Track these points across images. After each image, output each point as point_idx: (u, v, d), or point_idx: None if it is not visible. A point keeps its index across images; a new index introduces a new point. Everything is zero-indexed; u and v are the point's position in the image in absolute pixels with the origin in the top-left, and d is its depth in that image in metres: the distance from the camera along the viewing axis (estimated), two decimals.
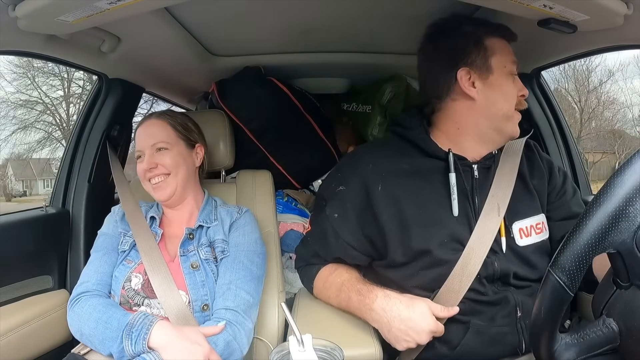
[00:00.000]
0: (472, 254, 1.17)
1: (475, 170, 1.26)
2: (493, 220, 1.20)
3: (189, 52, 1.76)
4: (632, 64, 14.07)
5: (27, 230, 1.54)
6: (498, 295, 1.19)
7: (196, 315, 1.31)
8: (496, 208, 1.21)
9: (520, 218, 1.24)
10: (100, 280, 1.34)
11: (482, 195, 1.24)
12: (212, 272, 1.36)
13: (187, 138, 1.49)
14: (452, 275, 1.17)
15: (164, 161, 1.42)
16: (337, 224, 1.29)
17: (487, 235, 1.18)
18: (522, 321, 1.18)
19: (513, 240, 1.22)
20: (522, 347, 1.18)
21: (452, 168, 1.22)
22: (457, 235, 1.20)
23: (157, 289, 1.30)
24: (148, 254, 1.35)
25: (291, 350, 0.84)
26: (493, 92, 1.24)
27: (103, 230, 1.47)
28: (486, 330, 1.18)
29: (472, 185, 1.25)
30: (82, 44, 1.47)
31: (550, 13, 1.19)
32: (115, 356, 1.15)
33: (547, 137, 1.95)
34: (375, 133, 2.32)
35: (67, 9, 1.10)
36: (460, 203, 1.22)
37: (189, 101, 2.87)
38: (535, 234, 1.24)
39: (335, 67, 2.17)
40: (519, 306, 1.19)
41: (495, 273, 1.19)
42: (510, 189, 1.23)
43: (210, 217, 1.46)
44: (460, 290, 1.15)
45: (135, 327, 1.13)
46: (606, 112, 14.28)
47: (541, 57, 1.75)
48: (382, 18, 1.55)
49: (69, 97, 14.38)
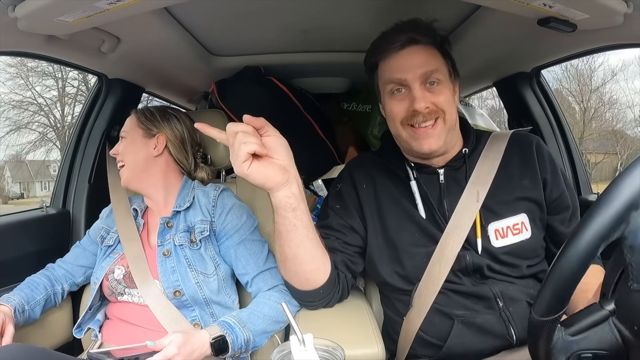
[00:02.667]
0: (450, 238, 1.21)
1: (441, 175, 1.29)
2: (471, 208, 1.23)
3: (188, 52, 1.76)
4: (634, 64, 14.13)
5: (28, 230, 1.54)
6: (476, 287, 1.22)
7: (172, 302, 1.35)
8: (475, 194, 1.23)
9: (497, 219, 1.24)
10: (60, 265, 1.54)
11: (451, 197, 1.26)
12: (185, 257, 1.37)
13: (146, 127, 1.50)
14: (430, 265, 1.22)
15: (118, 149, 1.49)
16: (340, 212, 1.34)
17: (464, 222, 1.22)
18: (505, 310, 1.19)
19: (488, 241, 1.23)
20: (512, 335, 1.18)
21: (412, 177, 1.30)
22: (428, 231, 1.24)
23: (135, 278, 1.35)
24: (129, 245, 1.41)
25: (292, 350, 0.84)
26: (386, 115, 1.32)
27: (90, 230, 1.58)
28: (471, 320, 1.19)
29: (440, 189, 1.28)
30: (82, 44, 1.47)
31: (550, 12, 1.19)
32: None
33: (547, 136, 1.95)
34: (375, 132, 2.32)
35: (67, 10, 1.10)
36: (426, 208, 1.27)
37: (189, 101, 2.87)
38: (512, 235, 1.24)
39: (334, 67, 2.17)
40: (498, 297, 1.20)
41: (469, 267, 1.21)
42: (491, 176, 1.26)
43: (185, 200, 1.47)
44: (438, 279, 1.20)
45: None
46: (607, 112, 14.32)
47: (541, 56, 1.76)
48: (381, 17, 1.55)
49: (63, 97, 14.39)
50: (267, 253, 1.41)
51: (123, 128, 1.51)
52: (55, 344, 1.57)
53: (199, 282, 1.34)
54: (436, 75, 1.21)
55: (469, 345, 1.19)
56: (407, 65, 1.22)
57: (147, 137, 1.49)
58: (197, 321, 1.35)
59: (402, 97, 1.24)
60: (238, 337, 1.21)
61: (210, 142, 1.66)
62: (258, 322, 1.28)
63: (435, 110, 1.21)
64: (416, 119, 1.21)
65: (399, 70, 1.23)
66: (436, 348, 1.22)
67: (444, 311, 1.21)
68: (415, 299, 1.23)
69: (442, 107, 1.21)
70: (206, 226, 1.40)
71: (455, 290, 1.22)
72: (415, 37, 1.23)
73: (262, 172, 1.00)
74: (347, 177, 1.39)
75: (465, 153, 1.30)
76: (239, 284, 1.47)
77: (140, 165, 1.47)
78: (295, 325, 0.87)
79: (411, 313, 1.24)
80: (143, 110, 1.53)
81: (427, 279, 1.22)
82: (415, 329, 1.23)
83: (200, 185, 1.53)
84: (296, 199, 1.08)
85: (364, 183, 1.35)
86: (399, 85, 1.24)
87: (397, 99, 1.25)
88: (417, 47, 1.23)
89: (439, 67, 1.22)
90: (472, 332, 1.19)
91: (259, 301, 1.33)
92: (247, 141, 0.97)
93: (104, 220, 1.56)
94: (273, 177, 1.02)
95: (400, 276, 1.26)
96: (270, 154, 1.02)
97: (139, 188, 1.49)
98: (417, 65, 1.21)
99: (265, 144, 1.01)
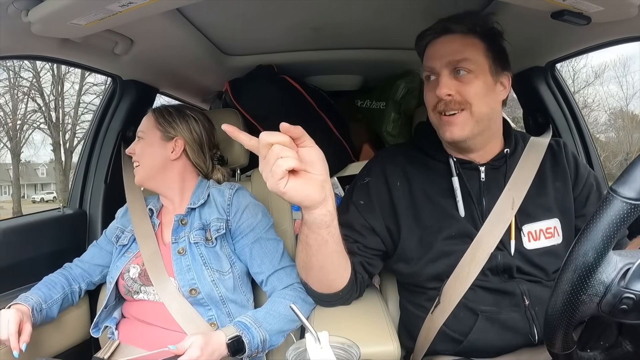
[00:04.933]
0: (481, 243, 1.20)
1: (482, 173, 1.28)
2: (506, 213, 1.22)
3: (201, 52, 1.77)
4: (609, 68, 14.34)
5: (45, 231, 1.57)
6: (503, 284, 1.22)
7: (188, 301, 1.35)
8: (511, 201, 1.22)
9: (531, 221, 1.24)
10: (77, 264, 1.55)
11: (490, 196, 1.25)
12: (201, 255, 1.37)
13: (164, 129, 1.49)
14: (460, 264, 1.21)
15: (135, 149, 1.49)
16: (363, 209, 1.31)
17: (498, 227, 1.21)
18: (531, 309, 1.19)
19: (521, 243, 1.23)
20: (534, 334, 1.18)
21: (454, 172, 1.27)
22: (465, 230, 1.23)
23: (151, 275, 1.36)
24: (144, 243, 1.42)
25: (308, 348, 0.84)
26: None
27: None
28: (495, 317, 1.19)
29: (480, 187, 1.27)
30: (96, 47, 1.48)
31: (564, 5, 1.17)
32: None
33: (562, 131, 1.92)
34: (389, 129, 2.31)
35: (80, 13, 1.11)
36: (465, 204, 1.25)
37: (203, 101, 2.88)
38: (545, 239, 1.24)
39: (348, 64, 2.16)
40: (525, 295, 1.20)
41: (499, 266, 1.21)
42: (527, 185, 1.25)
43: (199, 197, 1.47)
44: (468, 278, 1.19)
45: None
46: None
47: (555, 50, 1.73)
48: (394, 13, 1.54)
49: (13, 89, 14.28)
50: (282, 251, 1.41)
51: (140, 128, 1.51)
52: (72, 343, 1.59)
53: (215, 280, 1.34)
54: (465, 64, 1.19)
55: (490, 341, 1.20)
56: (437, 54, 1.23)
57: (164, 139, 1.48)
58: (214, 321, 1.35)
59: (433, 84, 1.24)
60: (254, 337, 1.22)
61: (226, 141, 1.67)
62: (274, 322, 1.28)
63: (460, 100, 1.19)
64: (442, 107, 1.21)
65: (430, 58, 1.25)
66: (456, 343, 1.22)
67: (469, 306, 1.21)
68: (443, 295, 1.22)
69: (468, 97, 1.19)
70: (222, 224, 1.40)
71: (483, 287, 1.21)
72: (450, 26, 1.23)
73: (300, 190, 0.90)
74: (378, 172, 1.34)
75: (506, 153, 1.29)
76: (254, 283, 1.47)
77: (156, 168, 1.47)
78: (308, 326, 0.87)
79: (437, 309, 1.23)
80: (161, 109, 1.53)
81: (456, 277, 1.21)
82: (438, 325, 1.22)
83: (215, 184, 1.53)
84: (331, 216, 1.01)
85: (398, 180, 1.31)
86: (431, 73, 1.25)
87: (430, 86, 1.26)
88: (452, 36, 1.23)
89: (471, 57, 1.20)
90: (495, 328, 1.19)
91: (275, 300, 1.33)
92: (285, 155, 0.85)
93: (119, 220, 1.57)
94: (312, 195, 0.93)
95: (431, 274, 1.25)
96: (307, 168, 0.91)
97: (154, 188, 1.50)
98: (446, 54, 1.21)
99: (302, 157, 0.89)
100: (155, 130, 1.48)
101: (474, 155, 1.29)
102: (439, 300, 1.23)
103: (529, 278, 1.22)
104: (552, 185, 1.29)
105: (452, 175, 1.27)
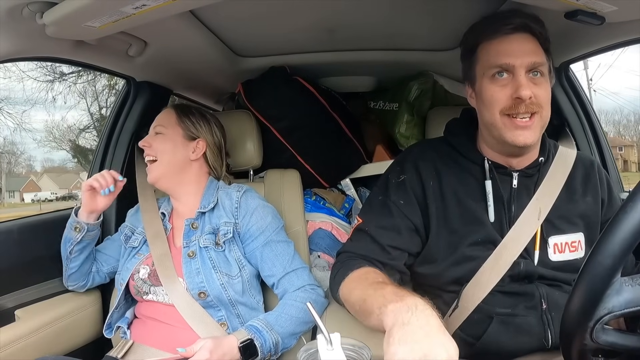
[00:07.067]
0: (505, 251, 1.18)
1: (515, 179, 1.24)
2: (532, 223, 1.20)
3: (214, 54, 1.77)
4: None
5: (59, 230, 1.58)
6: (522, 287, 1.20)
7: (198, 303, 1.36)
8: (537, 212, 1.20)
9: (558, 233, 1.22)
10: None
11: (519, 203, 1.23)
12: (210, 259, 1.38)
13: (187, 128, 1.50)
14: (481, 270, 1.19)
15: (152, 143, 1.48)
16: (405, 209, 1.26)
17: (523, 236, 1.19)
18: (548, 313, 1.18)
19: (546, 254, 1.21)
20: (548, 339, 1.17)
21: (488, 176, 1.23)
22: (492, 237, 1.21)
23: (160, 276, 1.37)
24: (155, 243, 1.43)
25: (319, 349, 0.84)
26: (479, 101, 1.22)
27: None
28: (511, 320, 1.18)
29: (511, 193, 1.24)
30: (110, 49, 1.49)
31: (577, 5, 1.16)
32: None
33: (577, 132, 1.90)
34: (402, 131, 2.29)
35: (94, 15, 1.11)
36: (495, 210, 1.22)
37: (216, 102, 2.89)
38: (569, 252, 1.23)
39: (361, 65, 2.15)
40: (543, 298, 1.18)
41: (520, 274, 1.19)
42: (554, 195, 1.22)
43: (209, 201, 1.47)
44: (488, 284, 1.17)
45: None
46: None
47: (569, 51, 1.71)
48: (407, 14, 1.53)
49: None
50: (292, 254, 1.41)
51: (159, 122, 1.51)
52: (84, 341, 1.62)
53: (224, 284, 1.35)
54: (542, 68, 1.16)
55: (503, 344, 1.18)
56: (517, 51, 1.14)
57: (186, 138, 1.49)
58: (224, 321, 1.36)
59: (504, 82, 1.15)
60: (266, 340, 1.22)
61: (238, 142, 1.67)
62: (286, 324, 1.29)
63: (536, 103, 1.14)
64: (517, 109, 1.13)
65: (507, 54, 1.15)
66: (468, 346, 1.20)
67: (485, 309, 1.19)
68: (461, 300, 1.21)
69: (541, 101, 1.14)
70: (230, 228, 1.41)
71: (502, 291, 1.20)
72: (530, 24, 1.16)
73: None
74: (412, 168, 1.29)
75: (541, 162, 1.26)
76: (264, 285, 1.47)
77: (176, 165, 1.47)
78: (322, 325, 0.87)
79: (454, 313, 1.21)
80: (184, 107, 1.53)
81: (476, 282, 1.19)
82: (454, 329, 1.21)
83: (224, 185, 1.54)
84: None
85: (431, 180, 1.26)
86: (504, 70, 1.15)
87: (500, 84, 1.16)
88: (528, 35, 1.16)
89: (542, 60, 1.16)
90: (509, 331, 1.17)
91: (286, 303, 1.33)
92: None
93: (129, 219, 1.59)
94: None
95: (453, 277, 1.23)
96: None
97: (167, 187, 1.50)
98: (528, 52, 1.14)
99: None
100: (177, 128, 1.49)
101: (515, 160, 1.25)
102: (457, 304, 1.21)
103: (550, 282, 1.21)
104: (582, 199, 1.26)
105: (486, 179, 1.24)
